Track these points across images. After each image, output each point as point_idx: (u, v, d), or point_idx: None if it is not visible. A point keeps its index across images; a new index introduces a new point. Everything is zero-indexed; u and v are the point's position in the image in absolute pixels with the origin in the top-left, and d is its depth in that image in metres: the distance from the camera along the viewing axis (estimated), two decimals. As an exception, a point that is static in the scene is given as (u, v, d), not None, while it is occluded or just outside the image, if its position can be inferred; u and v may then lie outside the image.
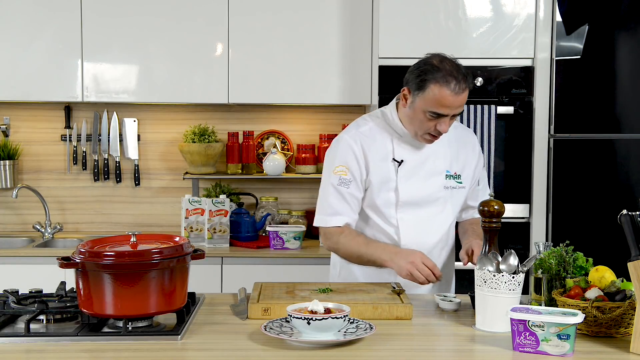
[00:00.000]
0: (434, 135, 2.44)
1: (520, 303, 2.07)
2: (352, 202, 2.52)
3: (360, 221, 2.58)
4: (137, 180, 4.23)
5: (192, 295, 2.27)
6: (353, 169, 2.50)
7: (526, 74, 3.64)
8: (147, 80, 3.92)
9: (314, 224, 2.58)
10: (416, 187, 2.51)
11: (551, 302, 2.12)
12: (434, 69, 2.36)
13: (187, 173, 4.12)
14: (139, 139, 4.25)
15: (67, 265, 1.97)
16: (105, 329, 2.02)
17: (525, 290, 2.12)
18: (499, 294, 2.02)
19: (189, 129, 4.09)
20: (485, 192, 2.62)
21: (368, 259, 2.47)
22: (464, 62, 3.74)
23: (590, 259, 2.18)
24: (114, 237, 2.15)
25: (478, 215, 2.57)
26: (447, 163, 2.55)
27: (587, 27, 3.60)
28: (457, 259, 2.73)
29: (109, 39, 3.88)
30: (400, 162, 2.51)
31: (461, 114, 2.70)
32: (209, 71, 3.90)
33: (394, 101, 2.56)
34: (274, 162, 4.03)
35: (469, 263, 2.42)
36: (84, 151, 4.22)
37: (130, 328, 1.97)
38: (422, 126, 2.42)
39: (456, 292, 2.60)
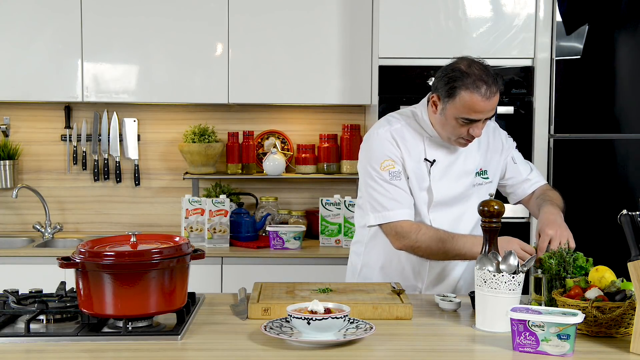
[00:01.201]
0: (468, 140, 2.44)
1: (520, 303, 2.07)
2: (407, 196, 2.46)
3: None
4: (137, 180, 4.23)
5: (192, 295, 2.27)
6: (398, 162, 2.47)
7: (526, 74, 3.64)
8: (147, 80, 3.92)
9: (372, 223, 2.48)
10: (448, 186, 2.51)
11: (551, 302, 2.12)
12: (462, 74, 2.33)
13: (187, 173, 4.12)
14: (139, 139, 4.25)
15: (67, 265, 1.97)
16: (105, 329, 2.02)
17: (525, 290, 2.12)
18: (499, 294, 2.02)
19: (189, 129, 4.09)
20: (526, 167, 2.64)
21: (457, 254, 2.40)
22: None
23: (590, 259, 2.18)
24: (114, 237, 2.15)
25: (533, 189, 2.62)
26: (477, 160, 2.56)
27: (587, 27, 3.60)
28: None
29: (109, 39, 3.88)
30: (432, 162, 2.50)
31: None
32: (209, 71, 3.90)
33: (424, 101, 2.53)
34: (274, 162, 4.03)
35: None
36: (84, 151, 4.22)
37: (130, 328, 1.97)
38: (455, 132, 2.41)
39: (456, 293, 2.59)
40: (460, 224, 2.55)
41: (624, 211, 1.93)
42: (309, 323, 1.88)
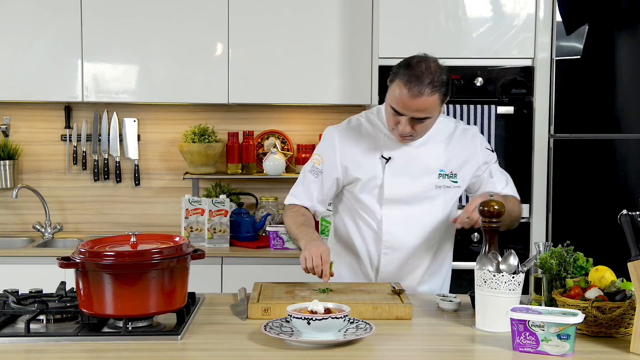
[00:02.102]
0: (402, 136, 2.42)
1: (520, 303, 2.07)
2: (313, 191, 2.56)
3: (347, 213, 2.59)
4: (137, 180, 4.23)
5: (192, 295, 2.27)
6: (327, 162, 2.55)
7: (526, 74, 3.64)
8: (147, 80, 3.92)
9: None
10: (404, 185, 2.50)
11: (551, 302, 2.12)
12: (407, 66, 2.34)
13: (187, 173, 4.12)
14: (139, 139, 4.25)
15: (67, 265, 1.97)
16: (105, 329, 2.02)
17: (525, 290, 2.12)
18: (499, 294, 2.02)
19: (189, 129, 4.09)
20: (501, 182, 2.61)
21: (295, 239, 2.50)
22: (463, 62, 3.77)
23: (591, 259, 2.18)
24: (114, 237, 2.15)
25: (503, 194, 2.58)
26: (442, 162, 2.53)
27: (587, 27, 3.60)
28: (456, 259, 2.74)
29: (109, 39, 3.88)
30: (387, 159, 2.51)
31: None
32: (209, 71, 3.90)
33: None
34: (274, 162, 4.03)
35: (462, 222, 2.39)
36: (84, 151, 4.22)
37: (130, 328, 1.97)
38: (390, 121, 2.43)
39: (456, 292, 2.60)
40: (418, 225, 2.53)
41: (624, 211, 1.93)
42: (309, 323, 1.88)
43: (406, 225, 2.52)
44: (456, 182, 2.55)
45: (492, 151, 2.64)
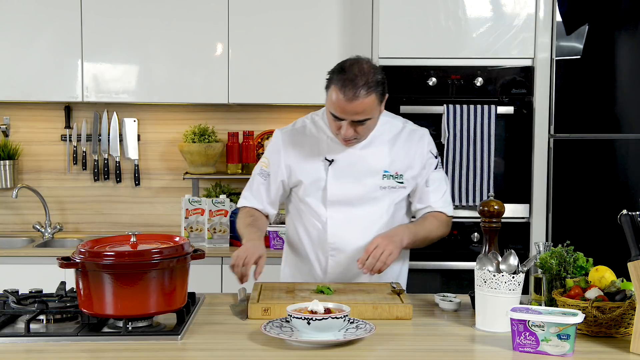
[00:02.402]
0: (345, 140, 2.41)
1: (520, 303, 2.07)
2: (261, 193, 2.57)
3: (296, 215, 2.60)
4: (137, 180, 4.23)
5: (192, 295, 2.27)
6: (273, 165, 2.56)
7: (526, 74, 3.64)
8: (147, 80, 3.92)
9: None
10: (347, 186, 2.49)
11: (551, 302, 2.12)
12: (340, 71, 2.35)
13: (187, 173, 4.12)
14: (139, 139, 4.25)
15: (67, 265, 1.97)
16: (105, 329, 2.02)
17: (525, 290, 2.13)
18: (499, 294, 2.02)
19: (189, 129, 4.09)
20: (436, 194, 2.55)
21: (242, 238, 2.51)
22: (463, 62, 3.77)
23: (591, 259, 2.18)
24: (114, 237, 2.15)
25: (427, 211, 2.56)
26: (386, 162, 2.50)
27: (587, 27, 3.60)
28: (456, 259, 2.73)
29: (109, 39, 3.88)
30: (330, 162, 2.50)
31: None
32: (209, 71, 3.90)
33: None
34: (274, 162, 4.03)
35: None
36: (84, 151, 4.22)
37: (130, 328, 1.97)
38: (331, 127, 2.43)
39: (456, 292, 2.59)
40: (363, 225, 2.51)
41: (624, 211, 1.93)
42: (309, 323, 1.88)
43: (351, 226, 2.51)
44: (402, 182, 2.52)
45: (436, 157, 2.58)
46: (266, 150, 2.64)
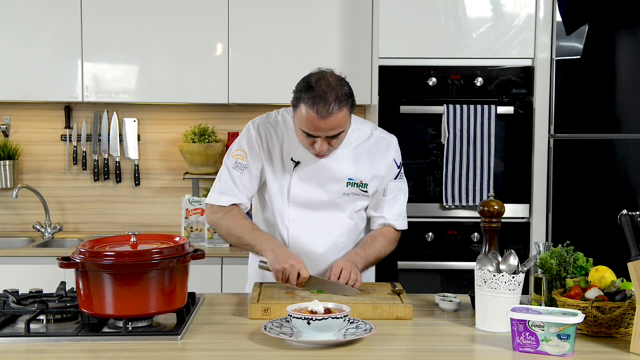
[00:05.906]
0: (318, 154, 2.38)
1: (520, 303, 2.07)
2: (242, 187, 2.49)
3: (262, 215, 2.56)
4: (137, 180, 4.23)
5: (192, 295, 2.27)
6: (250, 156, 2.48)
7: (526, 74, 3.64)
8: (147, 80, 3.92)
9: (206, 201, 2.56)
10: (309, 190, 2.47)
11: (551, 302, 2.12)
12: (307, 88, 2.30)
13: (187, 173, 4.12)
14: (139, 139, 4.25)
15: (67, 265, 1.97)
16: (105, 329, 2.02)
17: (525, 290, 2.13)
18: (499, 294, 2.02)
19: (189, 129, 4.09)
20: (392, 205, 2.55)
21: (248, 244, 2.44)
22: (463, 62, 3.77)
23: (591, 259, 2.18)
24: (114, 237, 2.15)
25: (380, 223, 2.55)
26: (351, 170, 2.48)
27: (587, 27, 3.60)
28: (456, 259, 2.73)
29: (109, 38, 3.88)
30: (296, 163, 2.47)
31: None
32: (209, 71, 3.90)
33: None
34: (274, 162, 4.03)
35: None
36: (84, 151, 4.22)
37: (130, 328, 1.97)
38: (303, 142, 2.38)
39: (456, 292, 2.60)
40: (325, 231, 2.50)
41: (624, 211, 1.93)
42: (309, 323, 1.88)
43: (312, 230, 2.49)
44: (366, 191, 2.51)
45: (399, 167, 2.56)
46: (240, 139, 2.52)
